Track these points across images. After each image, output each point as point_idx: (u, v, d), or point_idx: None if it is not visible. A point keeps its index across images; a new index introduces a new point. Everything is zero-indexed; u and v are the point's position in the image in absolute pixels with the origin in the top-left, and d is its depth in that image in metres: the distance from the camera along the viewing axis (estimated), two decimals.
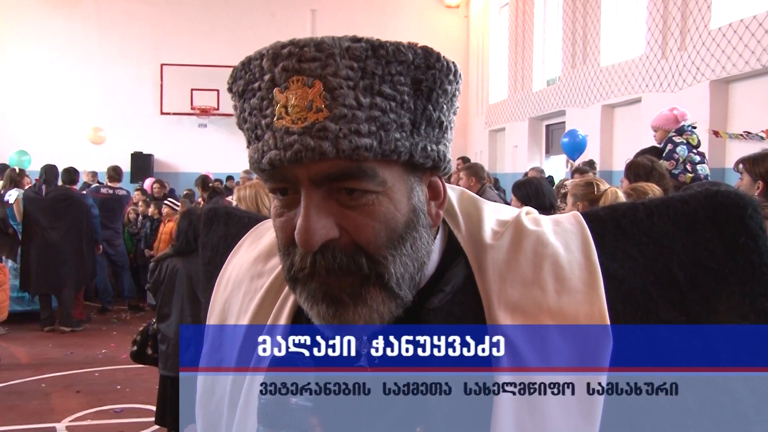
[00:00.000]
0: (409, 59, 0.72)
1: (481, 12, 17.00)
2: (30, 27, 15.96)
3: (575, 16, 12.15)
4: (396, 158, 0.73)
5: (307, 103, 0.70)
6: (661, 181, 3.98)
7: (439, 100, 0.75)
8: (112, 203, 9.22)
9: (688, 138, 5.54)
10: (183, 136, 16.57)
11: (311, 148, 0.69)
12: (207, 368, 0.96)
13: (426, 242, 0.79)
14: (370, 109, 0.70)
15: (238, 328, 0.94)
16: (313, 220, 0.71)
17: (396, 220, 0.75)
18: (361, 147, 0.69)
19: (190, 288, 4.50)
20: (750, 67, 7.94)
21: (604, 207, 0.84)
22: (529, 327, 0.76)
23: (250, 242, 1.01)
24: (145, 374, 6.21)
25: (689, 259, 0.77)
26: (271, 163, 0.72)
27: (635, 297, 0.76)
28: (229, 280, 1.00)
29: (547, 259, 0.79)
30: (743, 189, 3.29)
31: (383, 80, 0.71)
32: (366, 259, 0.74)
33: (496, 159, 16.18)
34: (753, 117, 8.08)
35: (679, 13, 9.29)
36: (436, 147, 0.77)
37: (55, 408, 5.36)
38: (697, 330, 0.74)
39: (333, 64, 0.69)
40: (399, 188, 0.75)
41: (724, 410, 0.73)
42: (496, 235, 0.83)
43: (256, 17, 16.42)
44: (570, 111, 12.42)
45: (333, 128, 0.69)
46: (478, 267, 0.81)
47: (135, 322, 8.58)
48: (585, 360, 0.73)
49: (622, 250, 0.79)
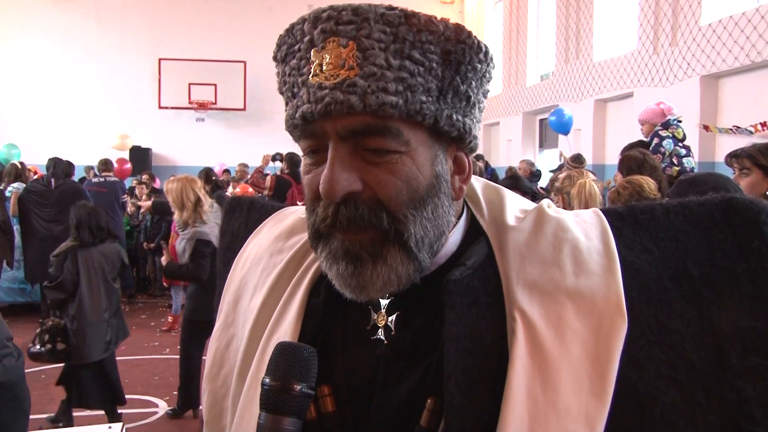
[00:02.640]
0: (440, 30, 0.75)
1: (475, 8, 17.06)
2: (29, 21, 15.96)
3: (568, 12, 12.22)
4: (421, 120, 0.75)
5: (340, 61, 0.73)
6: (653, 173, 4.01)
7: (468, 75, 0.77)
8: (107, 193, 9.28)
9: (674, 132, 5.62)
10: (181, 130, 16.61)
11: (340, 101, 0.72)
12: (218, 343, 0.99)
13: (447, 211, 0.81)
14: (399, 70, 0.73)
15: (253, 302, 0.95)
16: (337, 172, 0.74)
17: (418, 182, 0.76)
18: (387, 104, 0.72)
19: (104, 277, 4.58)
20: (739, 62, 8.05)
21: (623, 205, 0.85)
22: (546, 304, 0.76)
23: (271, 224, 1.04)
24: (143, 365, 6.35)
25: (704, 257, 0.77)
26: (303, 117, 0.75)
27: (650, 287, 0.77)
28: (248, 259, 1.01)
29: (567, 243, 0.80)
30: (750, 184, 3.21)
31: (413, 46, 0.74)
32: (387, 215, 0.75)
33: (491, 153, 16.23)
34: (742, 112, 8.20)
35: (670, 10, 9.38)
36: (462, 119, 0.78)
37: (55, 398, 5.19)
38: (708, 326, 0.75)
39: (367, 27, 0.73)
40: (423, 152, 0.77)
41: (730, 408, 0.73)
42: (518, 220, 0.85)
43: (254, 12, 16.45)
44: (563, 105, 12.31)
45: (362, 84, 0.72)
46: (498, 246, 0.83)
47: (133, 314, 8.63)
48: (599, 340, 0.74)
49: (639, 243, 0.80)
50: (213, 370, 0.97)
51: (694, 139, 8.46)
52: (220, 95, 16.35)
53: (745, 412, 0.72)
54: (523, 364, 0.74)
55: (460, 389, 0.74)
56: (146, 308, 9.11)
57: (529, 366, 0.74)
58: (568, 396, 0.72)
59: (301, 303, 0.88)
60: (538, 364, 0.74)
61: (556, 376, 0.73)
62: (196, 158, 15.58)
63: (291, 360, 0.77)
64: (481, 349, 0.76)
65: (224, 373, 0.96)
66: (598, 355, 0.73)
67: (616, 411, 0.72)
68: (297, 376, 0.76)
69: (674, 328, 0.75)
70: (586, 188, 3.73)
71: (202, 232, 4.94)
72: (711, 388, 0.73)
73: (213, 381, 0.97)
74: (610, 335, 0.73)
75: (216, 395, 0.96)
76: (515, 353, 0.74)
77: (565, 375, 0.73)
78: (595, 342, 0.74)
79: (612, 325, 0.74)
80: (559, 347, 0.74)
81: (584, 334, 0.74)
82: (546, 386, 0.73)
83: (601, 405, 0.71)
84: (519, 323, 0.75)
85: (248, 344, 0.91)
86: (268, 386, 0.76)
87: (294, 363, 0.77)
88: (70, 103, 16.07)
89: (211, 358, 0.98)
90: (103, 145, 14.17)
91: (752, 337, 0.74)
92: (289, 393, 0.75)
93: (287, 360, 0.77)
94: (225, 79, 16.17)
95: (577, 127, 11.78)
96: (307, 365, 0.77)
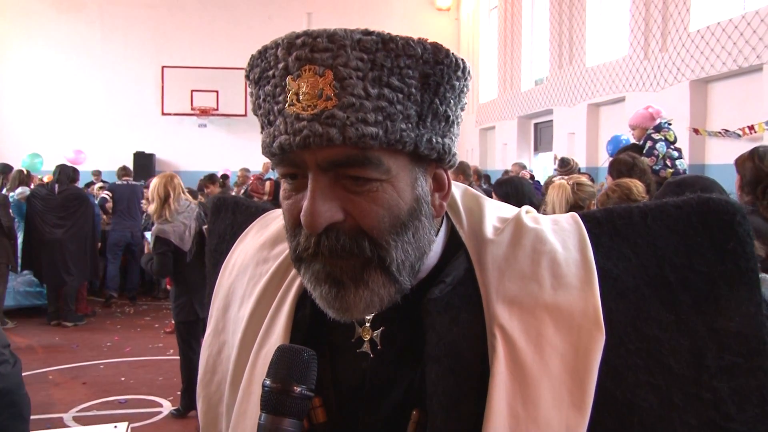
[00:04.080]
0: (418, 53, 0.73)
1: (471, 14, 17.15)
2: (36, 32, 16.19)
3: (561, 19, 12.32)
4: (401, 148, 0.73)
5: (317, 91, 0.71)
6: (642, 176, 4.02)
7: (447, 95, 0.76)
8: (129, 192, 9.71)
9: (666, 134, 5.72)
10: (183, 136, 16.79)
11: (319, 134, 0.70)
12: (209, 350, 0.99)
13: (428, 232, 0.80)
14: (377, 99, 0.71)
15: (241, 311, 0.95)
16: (318, 203, 0.73)
17: (399, 208, 0.75)
18: (367, 135, 0.70)
19: None
20: (727, 67, 8.16)
21: (601, 209, 0.85)
22: (525, 320, 0.76)
23: (256, 230, 1.03)
24: (148, 366, 6.41)
25: (681, 261, 0.77)
26: (281, 148, 0.73)
27: (628, 295, 0.77)
28: (234, 266, 1.01)
29: (545, 256, 0.79)
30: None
31: (392, 72, 0.72)
32: (369, 242, 0.75)
33: (487, 156, 16.34)
34: (730, 115, 8.32)
35: (660, 16, 9.48)
36: (441, 140, 0.77)
37: (62, 399, 5.41)
38: (685, 330, 0.75)
39: (344, 55, 0.71)
40: (403, 177, 0.76)
41: (707, 407, 0.73)
42: (496, 231, 0.84)
43: (254, 20, 16.60)
44: (557, 110, 12.60)
45: (341, 116, 0.70)
46: (478, 261, 0.82)
47: (138, 315, 8.78)
48: (578, 354, 0.74)
49: (617, 250, 0.79)
50: (206, 377, 0.98)
51: (684, 142, 8.55)
52: (222, 101, 16.53)
53: (721, 411, 0.73)
54: (504, 380, 0.74)
55: (443, 408, 0.75)
56: (150, 310, 9.19)
57: (510, 382, 0.74)
58: (548, 410, 0.72)
59: (288, 316, 0.88)
60: (519, 381, 0.74)
61: (536, 392, 0.73)
62: (199, 163, 15.78)
63: (291, 362, 0.77)
64: (462, 368, 0.76)
65: (217, 380, 0.97)
66: (577, 368, 0.73)
67: (596, 421, 0.72)
68: (297, 378, 0.76)
69: (652, 335, 0.75)
70: (563, 189, 3.76)
71: (162, 230, 4.95)
72: (688, 390, 0.73)
73: (207, 387, 0.98)
74: (588, 349, 0.74)
75: (210, 401, 0.97)
76: (495, 370, 0.74)
77: (545, 390, 0.73)
78: (574, 356, 0.74)
79: (590, 338, 0.74)
80: (539, 363, 0.74)
81: (563, 348, 0.74)
82: (526, 402, 0.73)
83: (581, 417, 0.72)
84: (499, 340, 0.76)
85: (239, 354, 0.92)
86: (269, 388, 0.76)
87: (294, 365, 0.77)
88: (78, 111, 16.25)
89: (203, 365, 0.99)
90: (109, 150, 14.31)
91: (726, 337, 0.74)
92: (289, 395, 0.75)
93: (288, 362, 0.77)
94: (226, 86, 16.30)
95: (571, 131, 11.93)
96: (307, 367, 0.77)
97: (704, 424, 0.73)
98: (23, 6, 16.09)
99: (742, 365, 0.74)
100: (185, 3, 16.88)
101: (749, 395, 0.73)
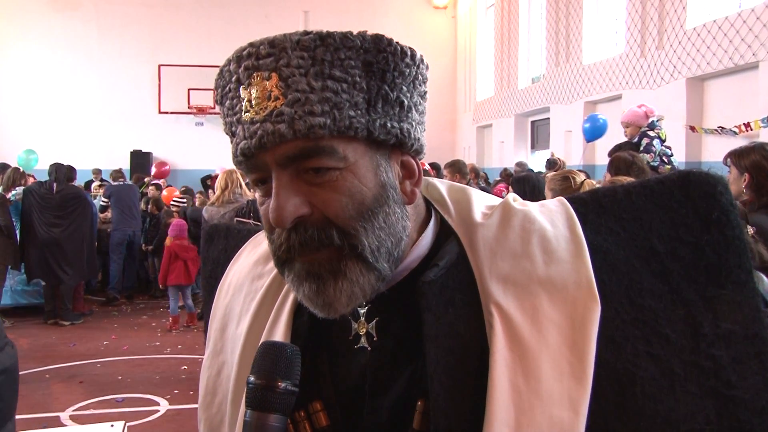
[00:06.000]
0: (357, 44, 0.75)
1: (468, 13, 17.16)
2: (32, 30, 16.13)
3: (558, 17, 12.34)
4: (353, 134, 0.75)
5: (266, 93, 0.74)
6: (640, 174, 4.08)
7: (396, 81, 0.78)
8: (128, 192, 9.81)
9: (659, 132, 5.82)
10: (180, 135, 16.74)
11: (271, 132, 0.73)
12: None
13: (400, 218, 0.80)
14: (322, 91, 0.73)
15: (239, 328, 0.95)
16: (282, 199, 0.75)
17: (363, 194, 0.77)
18: (315, 125, 0.73)
19: None
20: (723, 65, 8.19)
21: (585, 191, 0.85)
22: (521, 296, 0.77)
23: (250, 249, 1.04)
24: (145, 365, 6.44)
25: (668, 233, 0.78)
26: (243, 153, 0.76)
27: (620, 267, 0.78)
28: (230, 285, 1.02)
29: (534, 234, 0.81)
30: (731, 181, 3.37)
31: (333, 65, 0.74)
32: (336, 231, 0.76)
33: (484, 154, 16.38)
34: (727, 113, 8.34)
35: (656, 14, 9.50)
36: (398, 125, 0.79)
37: (59, 398, 5.44)
38: (679, 299, 0.76)
39: (285, 57, 0.74)
40: (363, 164, 0.77)
41: (708, 376, 0.74)
42: (485, 216, 0.85)
43: (251, 19, 16.56)
44: (554, 107, 12.61)
45: (288, 112, 0.73)
46: (469, 244, 0.83)
47: (135, 314, 8.81)
48: (575, 325, 0.75)
49: (605, 226, 0.81)
50: (207, 399, 0.98)
51: (680, 139, 8.62)
52: None
53: (722, 378, 0.74)
54: (504, 356, 0.74)
55: (444, 388, 0.75)
56: (147, 309, 9.21)
57: (510, 358, 0.74)
58: (549, 383, 0.73)
59: (286, 325, 0.89)
60: (518, 355, 0.74)
61: (536, 365, 0.74)
62: (195, 162, 15.78)
63: (275, 358, 0.78)
64: (461, 347, 0.77)
65: (218, 401, 0.97)
66: (575, 340, 0.74)
67: (597, 391, 0.73)
68: (281, 374, 0.77)
69: (647, 305, 0.76)
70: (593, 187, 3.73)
71: (207, 209, 6.16)
72: (687, 359, 0.74)
73: (208, 409, 0.98)
74: (585, 319, 0.74)
75: (212, 423, 0.97)
76: (495, 347, 0.75)
77: (545, 363, 0.74)
78: (571, 328, 0.75)
79: (586, 309, 0.75)
80: (537, 336, 0.75)
81: (560, 321, 0.75)
82: (528, 375, 0.73)
83: (582, 388, 0.72)
84: (496, 317, 0.76)
85: (239, 370, 0.92)
86: (253, 384, 0.77)
87: (278, 361, 0.78)
88: (74, 109, 16.23)
89: (204, 387, 0.99)
90: (105, 149, 14.29)
91: (721, 305, 0.75)
92: (273, 390, 0.76)
93: (271, 359, 0.78)
94: None
95: (568, 129, 11.95)
96: (291, 363, 0.78)
97: (706, 393, 0.73)
98: (19, 4, 16.04)
99: (739, 332, 0.75)
100: (182, 1, 16.84)
101: (749, 362, 0.74)
